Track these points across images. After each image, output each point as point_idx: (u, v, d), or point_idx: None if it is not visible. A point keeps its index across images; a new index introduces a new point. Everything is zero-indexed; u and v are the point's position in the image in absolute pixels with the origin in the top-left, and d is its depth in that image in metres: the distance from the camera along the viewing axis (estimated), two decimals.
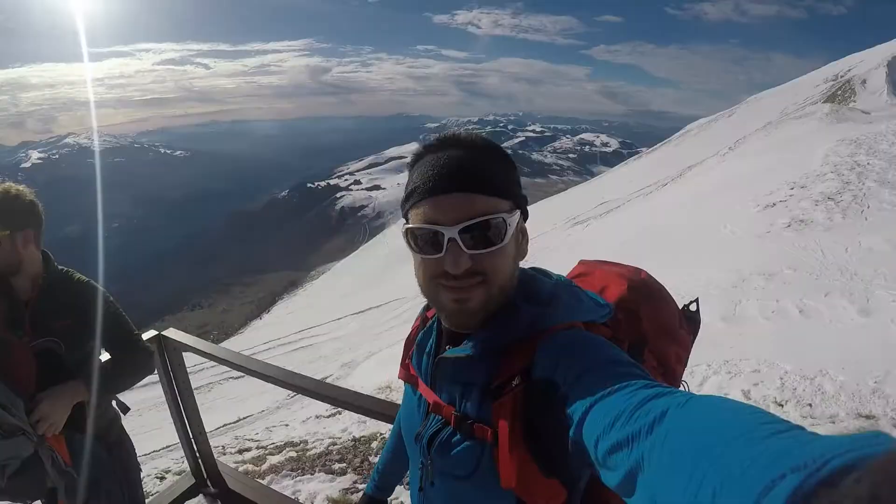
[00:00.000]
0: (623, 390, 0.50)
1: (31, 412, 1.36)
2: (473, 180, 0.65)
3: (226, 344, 22.74)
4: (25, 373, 1.41)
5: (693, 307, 0.92)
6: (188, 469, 2.46)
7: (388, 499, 1.19)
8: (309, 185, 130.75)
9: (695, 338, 0.89)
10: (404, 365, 0.85)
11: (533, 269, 0.78)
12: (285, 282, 63.12)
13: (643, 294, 0.82)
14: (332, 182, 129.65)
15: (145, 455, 4.82)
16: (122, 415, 1.71)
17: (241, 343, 24.53)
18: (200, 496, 2.41)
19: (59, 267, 1.54)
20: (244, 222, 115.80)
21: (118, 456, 1.66)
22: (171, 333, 2.09)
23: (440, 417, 0.74)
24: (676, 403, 0.44)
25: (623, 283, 0.83)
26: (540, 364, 0.63)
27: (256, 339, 23.06)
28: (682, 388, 0.72)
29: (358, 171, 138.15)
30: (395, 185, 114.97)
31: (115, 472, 1.61)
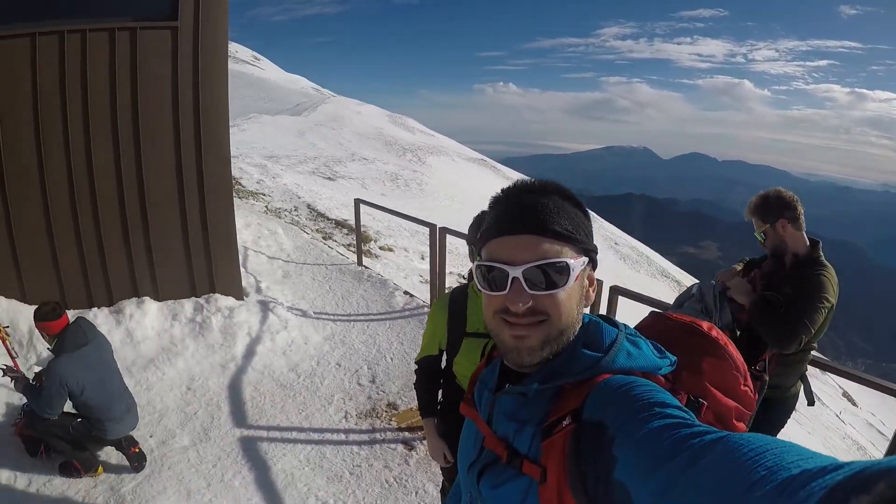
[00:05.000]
0: (666, 431, 0.51)
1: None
2: (542, 224, 0.69)
3: None
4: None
5: (759, 367, 0.94)
6: None
7: None
8: None
9: (760, 397, 0.90)
10: (467, 400, 0.87)
11: (599, 316, 0.79)
12: None
13: (707, 348, 0.81)
14: None
15: None
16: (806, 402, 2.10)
17: None
18: None
19: (819, 254, 1.89)
20: None
21: None
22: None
23: (493, 452, 0.76)
24: (714, 440, 0.47)
25: (688, 337, 0.83)
26: (590, 405, 0.64)
27: None
28: None
29: None
30: None
31: None
